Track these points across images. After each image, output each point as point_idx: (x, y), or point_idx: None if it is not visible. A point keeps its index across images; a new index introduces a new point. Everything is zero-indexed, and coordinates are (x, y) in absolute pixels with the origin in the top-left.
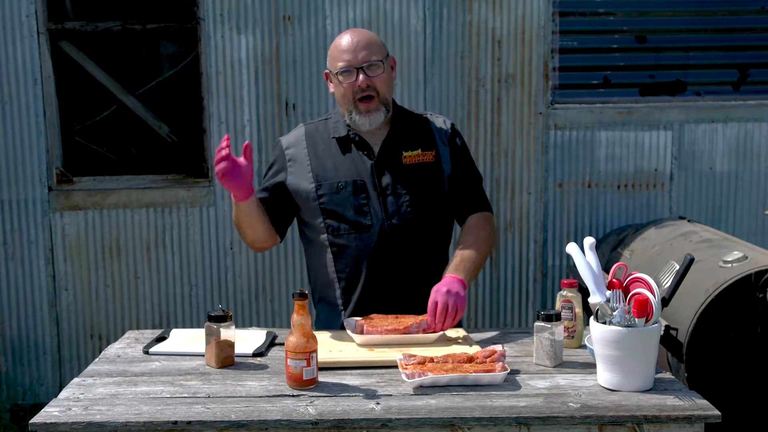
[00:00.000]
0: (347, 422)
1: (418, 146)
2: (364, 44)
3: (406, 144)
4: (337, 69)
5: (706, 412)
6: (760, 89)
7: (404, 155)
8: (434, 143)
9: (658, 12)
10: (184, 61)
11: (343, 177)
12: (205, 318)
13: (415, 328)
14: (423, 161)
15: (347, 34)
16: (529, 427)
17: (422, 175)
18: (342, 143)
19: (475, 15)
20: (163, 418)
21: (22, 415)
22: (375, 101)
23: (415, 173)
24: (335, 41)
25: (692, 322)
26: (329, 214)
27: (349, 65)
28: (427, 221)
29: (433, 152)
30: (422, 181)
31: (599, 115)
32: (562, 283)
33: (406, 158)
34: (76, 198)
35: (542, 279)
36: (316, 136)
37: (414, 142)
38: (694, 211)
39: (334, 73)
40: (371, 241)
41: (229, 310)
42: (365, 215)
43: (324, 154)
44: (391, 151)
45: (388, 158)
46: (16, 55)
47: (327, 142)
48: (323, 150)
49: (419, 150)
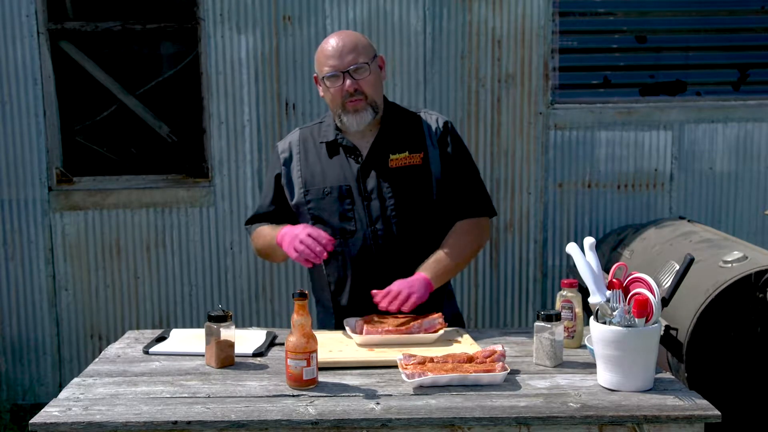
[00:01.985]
0: (347, 422)
1: (406, 148)
2: (350, 48)
3: (394, 146)
4: (323, 74)
5: (706, 412)
6: (760, 89)
7: (390, 158)
8: (423, 145)
9: (658, 12)
10: (184, 61)
11: (330, 182)
12: (205, 318)
13: (416, 328)
14: (410, 164)
15: (332, 37)
16: (529, 427)
17: (408, 179)
18: (330, 148)
19: (475, 15)
20: (163, 418)
21: (22, 415)
22: (362, 101)
23: (400, 177)
24: (321, 46)
25: (692, 322)
26: (317, 219)
27: (335, 70)
28: (412, 225)
29: (421, 154)
30: (407, 185)
31: (599, 115)
32: (562, 283)
33: (392, 161)
34: (76, 198)
35: (542, 279)
36: (308, 140)
37: (402, 145)
38: (694, 211)
39: (321, 77)
40: (356, 247)
41: (229, 310)
42: (350, 221)
43: (314, 159)
44: (378, 155)
45: (374, 162)
46: (16, 55)
47: (318, 147)
48: (313, 155)
49: (406, 152)
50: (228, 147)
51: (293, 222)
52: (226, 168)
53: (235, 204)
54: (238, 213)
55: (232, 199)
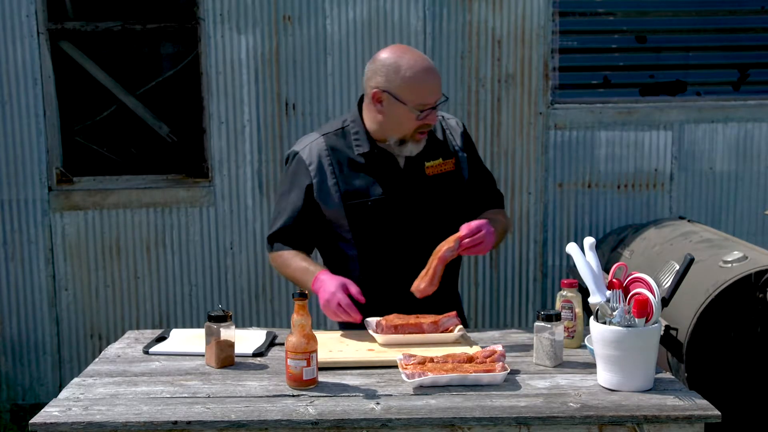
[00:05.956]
0: (347, 422)
1: (439, 155)
2: (439, 82)
3: (428, 154)
4: (417, 105)
5: (706, 412)
6: (760, 89)
7: (426, 166)
8: (453, 151)
9: (658, 12)
10: (184, 61)
11: (371, 194)
12: (205, 318)
13: (438, 326)
14: (444, 171)
15: (429, 70)
16: (529, 427)
17: (445, 185)
18: (367, 158)
19: (475, 15)
20: (163, 418)
21: (22, 415)
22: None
23: (438, 184)
24: (417, 73)
25: (692, 322)
26: (357, 231)
27: (432, 104)
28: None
29: (453, 160)
30: (445, 192)
31: (599, 115)
32: (562, 283)
33: (428, 169)
34: (76, 198)
35: (542, 279)
36: (337, 150)
37: (434, 151)
38: (694, 211)
39: (411, 107)
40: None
41: (229, 310)
42: (391, 231)
43: (349, 171)
44: (415, 164)
45: (412, 171)
46: (16, 55)
47: (351, 157)
48: (348, 166)
49: (440, 159)
50: (228, 147)
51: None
52: (226, 168)
53: (235, 204)
54: (238, 213)
55: (232, 199)
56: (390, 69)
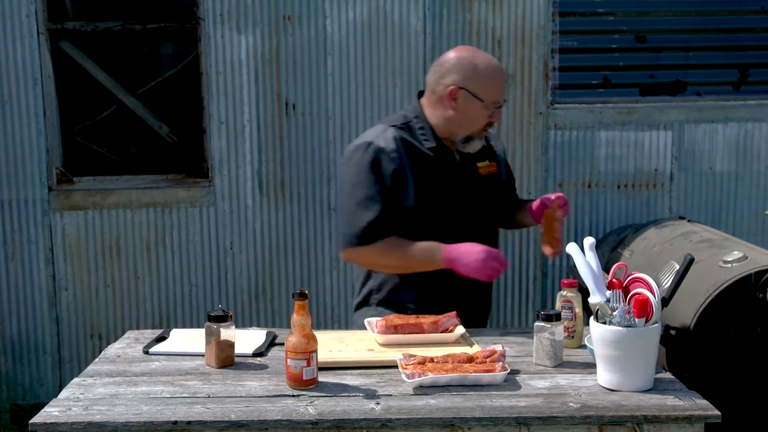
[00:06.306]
0: (347, 422)
1: (485, 157)
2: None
3: (477, 154)
4: (493, 102)
5: (706, 412)
6: (760, 89)
7: (479, 166)
8: (495, 153)
9: (658, 12)
10: (184, 61)
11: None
12: (205, 318)
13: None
14: (491, 172)
15: (502, 69)
16: (529, 427)
17: (493, 186)
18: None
19: (475, 15)
20: (163, 418)
21: (22, 415)
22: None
23: (488, 184)
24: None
25: (692, 322)
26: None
27: (501, 103)
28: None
29: (495, 163)
30: (493, 192)
31: (599, 115)
32: (562, 283)
33: (480, 169)
34: (76, 198)
35: (542, 279)
36: (408, 144)
37: (482, 153)
38: (694, 211)
39: (487, 103)
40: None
41: (229, 310)
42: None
43: (419, 166)
44: (468, 163)
45: (468, 170)
46: (16, 55)
47: (419, 154)
48: (418, 160)
49: (487, 161)
50: (228, 147)
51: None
52: (226, 168)
53: (235, 204)
54: (238, 213)
55: (232, 199)
56: (468, 67)
